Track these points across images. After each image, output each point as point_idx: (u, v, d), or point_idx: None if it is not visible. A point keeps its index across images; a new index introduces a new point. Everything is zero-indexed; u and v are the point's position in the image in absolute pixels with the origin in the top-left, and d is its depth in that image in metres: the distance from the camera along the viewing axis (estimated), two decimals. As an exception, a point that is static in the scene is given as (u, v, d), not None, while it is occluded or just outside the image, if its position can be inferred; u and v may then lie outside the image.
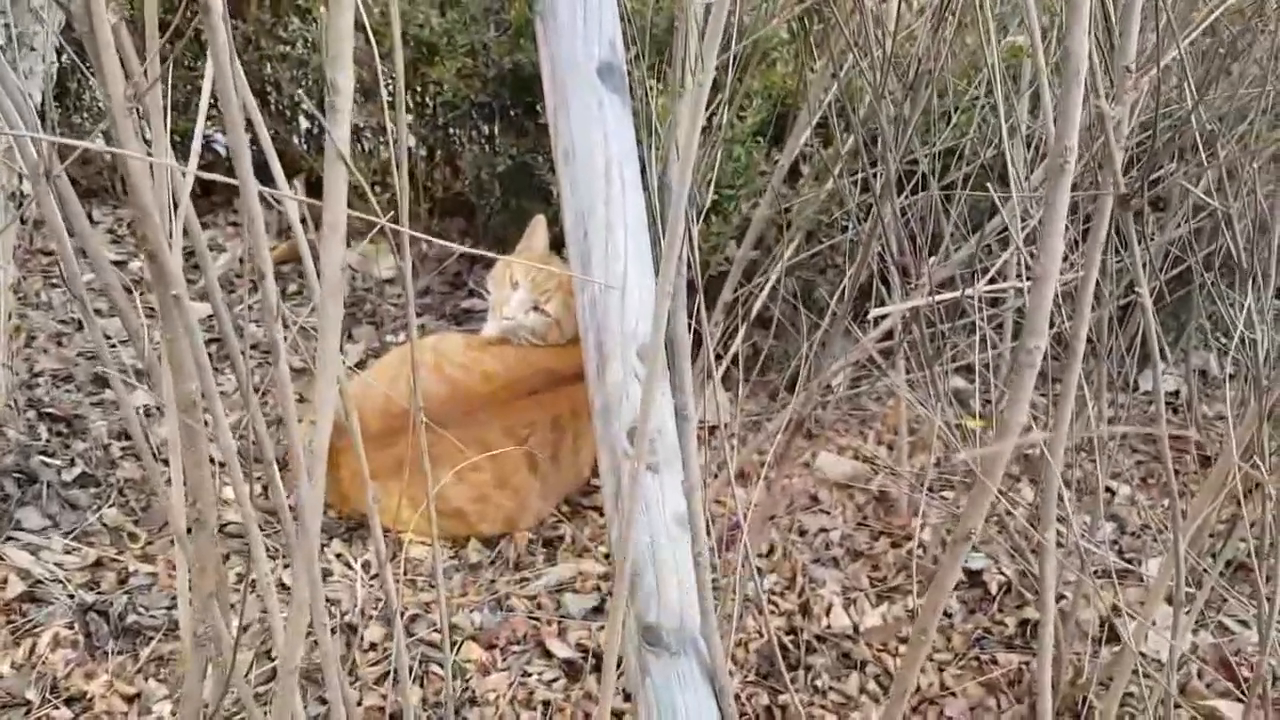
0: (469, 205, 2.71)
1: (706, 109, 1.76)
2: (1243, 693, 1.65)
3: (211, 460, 0.83)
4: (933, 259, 1.36)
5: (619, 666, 1.52)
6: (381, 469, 1.68)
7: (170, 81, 0.83)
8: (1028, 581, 1.85)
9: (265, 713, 1.27)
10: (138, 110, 0.64)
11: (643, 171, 1.19)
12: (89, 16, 0.62)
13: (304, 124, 2.74)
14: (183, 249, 0.81)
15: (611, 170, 1.12)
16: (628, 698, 1.56)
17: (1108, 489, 2.15)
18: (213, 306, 0.75)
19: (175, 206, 0.74)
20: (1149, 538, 2.00)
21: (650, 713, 1.10)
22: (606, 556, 1.89)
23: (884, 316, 1.45)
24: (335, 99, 0.57)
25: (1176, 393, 2.49)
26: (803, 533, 1.97)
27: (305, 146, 2.73)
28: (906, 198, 1.59)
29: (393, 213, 0.76)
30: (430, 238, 0.71)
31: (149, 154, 0.70)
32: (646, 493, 1.11)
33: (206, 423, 0.78)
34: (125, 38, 0.69)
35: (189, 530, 0.86)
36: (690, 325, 1.15)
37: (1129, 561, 1.92)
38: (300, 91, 2.58)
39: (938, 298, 1.06)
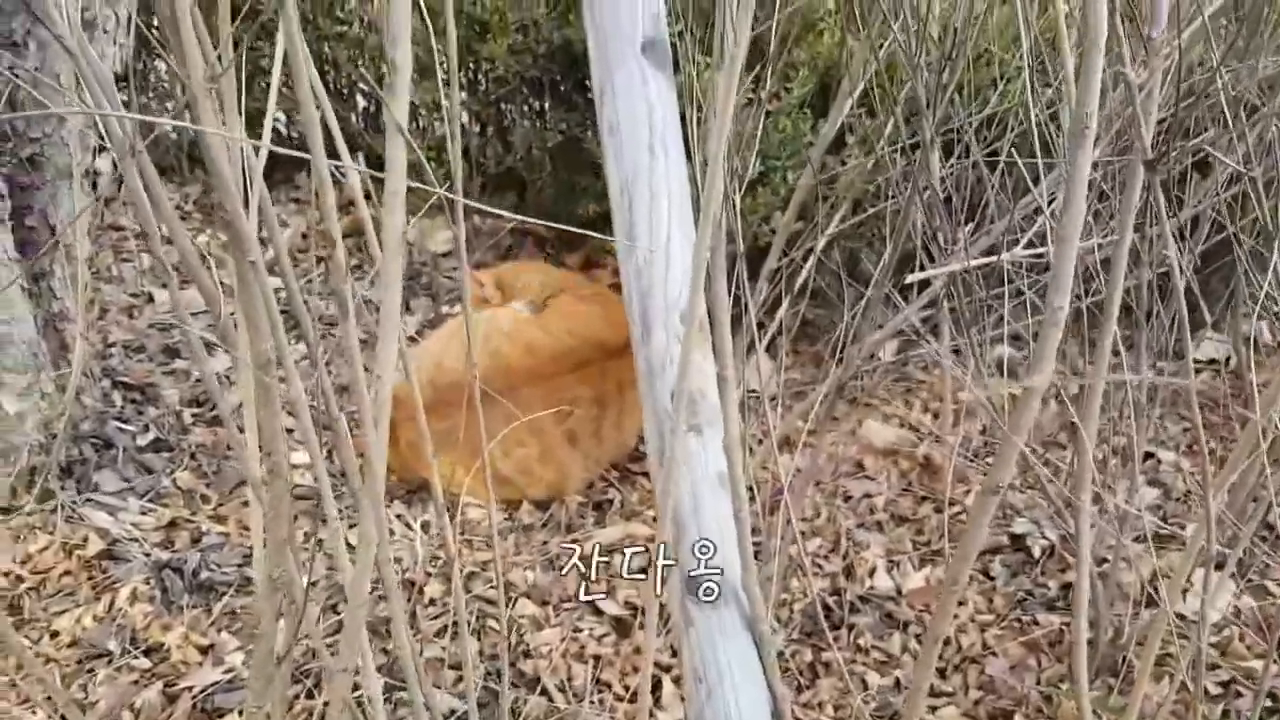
0: (520, 179, 2.76)
1: (753, 79, 1.80)
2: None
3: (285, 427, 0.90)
4: (969, 226, 1.39)
5: (666, 621, 1.58)
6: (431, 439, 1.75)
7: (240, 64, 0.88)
8: (1070, 545, 1.87)
9: (332, 653, 1.34)
10: (214, 91, 0.70)
11: (687, 145, 1.24)
12: (171, 5, 0.67)
13: (361, 102, 2.81)
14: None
15: (655, 142, 1.17)
16: (676, 653, 1.62)
17: (1154, 455, 2.16)
18: (282, 277, 0.80)
19: (249, 181, 0.80)
20: (1193, 503, 2.01)
21: (694, 660, 1.15)
22: (654, 519, 1.94)
23: (926, 283, 1.48)
24: (394, 78, 0.62)
25: (1227, 360, 2.48)
26: (847, 498, 2.01)
27: (362, 125, 2.80)
28: (949, 165, 1.62)
29: (449, 184, 0.81)
30: (484, 208, 0.76)
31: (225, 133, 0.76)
32: (689, 452, 1.16)
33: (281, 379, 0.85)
34: (200, 21, 0.75)
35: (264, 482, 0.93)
36: (732, 292, 1.20)
37: (1173, 526, 1.94)
38: (358, 70, 2.65)
39: (975, 262, 1.09)
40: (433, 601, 1.70)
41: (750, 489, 1.71)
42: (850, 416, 2.23)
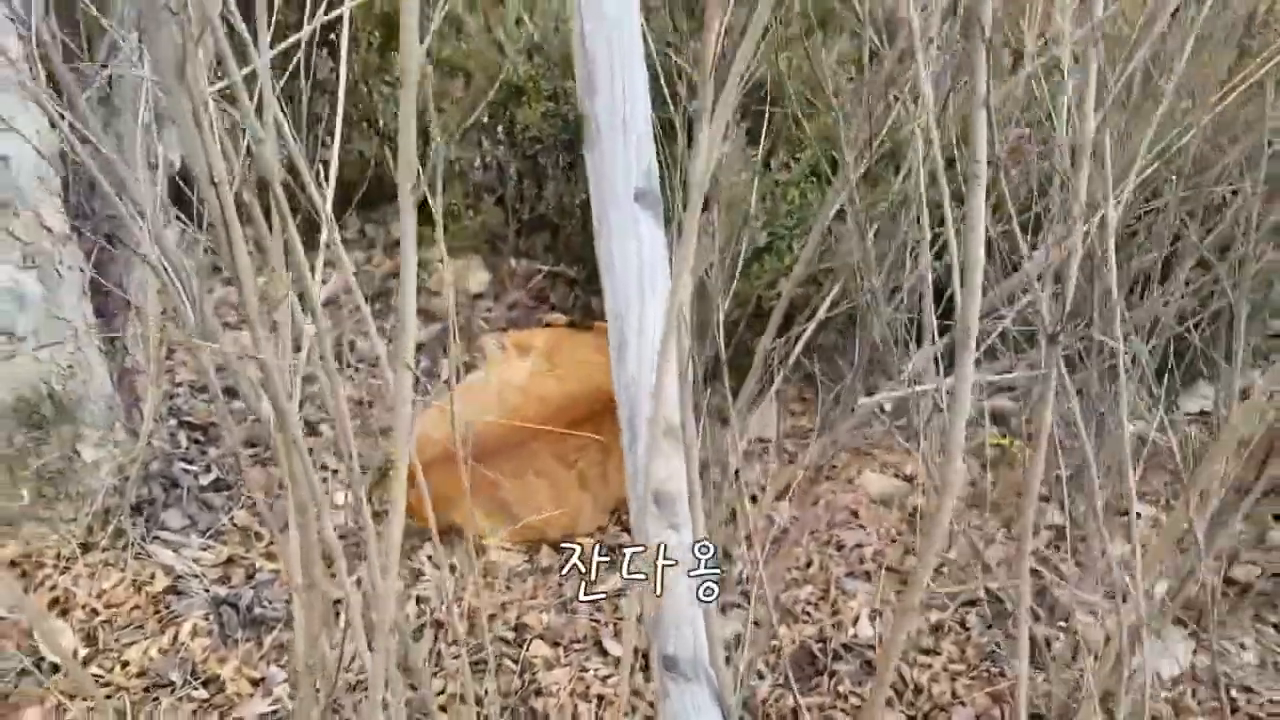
0: (553, 222, 2.95)
1: (757, 149, 1.95)
2: (1231, 711, 1.82)
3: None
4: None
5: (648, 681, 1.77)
6: (451, 489, 1.94)
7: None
8: (1042, 599, 2.03)
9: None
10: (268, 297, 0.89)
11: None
12: (225, 229, 0.86)
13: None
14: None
15: (644, 276, 1.35)
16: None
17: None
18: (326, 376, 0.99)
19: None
20: (1167, 560, 2.15)
21: (670, 727, 1.34)
22: (663, 563, 2.13)
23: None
24: (404, 219, 0.79)
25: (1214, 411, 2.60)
26: (840, 547, 2.18)
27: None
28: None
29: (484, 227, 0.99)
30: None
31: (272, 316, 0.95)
32: (670, 547, 1.34)
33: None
34: (257, 214, 0.93)
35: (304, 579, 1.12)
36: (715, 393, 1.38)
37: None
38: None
39: (919, 388, 1.26)
40: (455, 641, 1.90)
41: (747, 538, 1.89)
42: (850, 465, 2.40)
